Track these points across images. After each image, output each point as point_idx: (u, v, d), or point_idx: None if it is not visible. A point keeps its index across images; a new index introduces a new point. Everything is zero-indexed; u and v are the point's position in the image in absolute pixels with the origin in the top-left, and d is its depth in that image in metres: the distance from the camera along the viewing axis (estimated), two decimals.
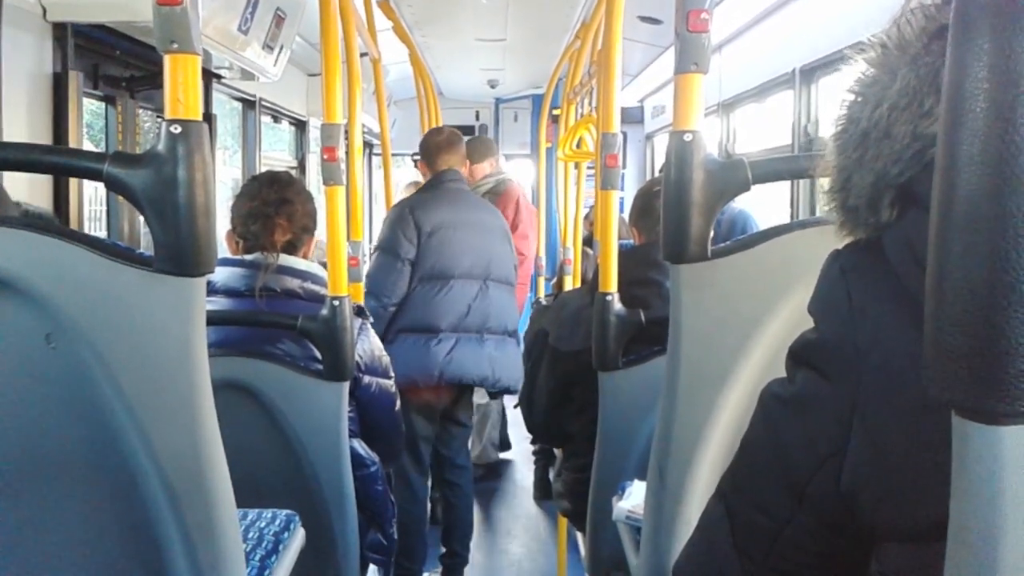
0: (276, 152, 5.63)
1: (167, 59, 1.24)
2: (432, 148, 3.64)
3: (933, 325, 0.52)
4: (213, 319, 2.01)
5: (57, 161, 1.46)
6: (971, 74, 0.48)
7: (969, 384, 0.50)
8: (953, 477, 0.53)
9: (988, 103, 0.47)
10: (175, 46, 1.24)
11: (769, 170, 1.61)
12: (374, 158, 7.72)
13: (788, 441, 0.80)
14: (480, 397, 4.68)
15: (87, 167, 1.30)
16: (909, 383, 0.64)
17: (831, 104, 0.82)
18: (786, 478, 0.80)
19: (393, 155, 4.09)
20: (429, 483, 3.76)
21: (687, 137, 1.52)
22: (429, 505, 3.92)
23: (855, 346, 0.73)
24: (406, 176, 7.33)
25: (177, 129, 1.24)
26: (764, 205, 4.54)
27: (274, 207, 2.22)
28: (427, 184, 3.64)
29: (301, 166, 5.69)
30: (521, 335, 3.91)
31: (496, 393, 3.82)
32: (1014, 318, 0.47)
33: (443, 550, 3.73)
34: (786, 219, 3.84)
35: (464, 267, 3.43)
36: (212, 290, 2.13)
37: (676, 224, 1.54)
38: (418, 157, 3.77)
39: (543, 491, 4.79)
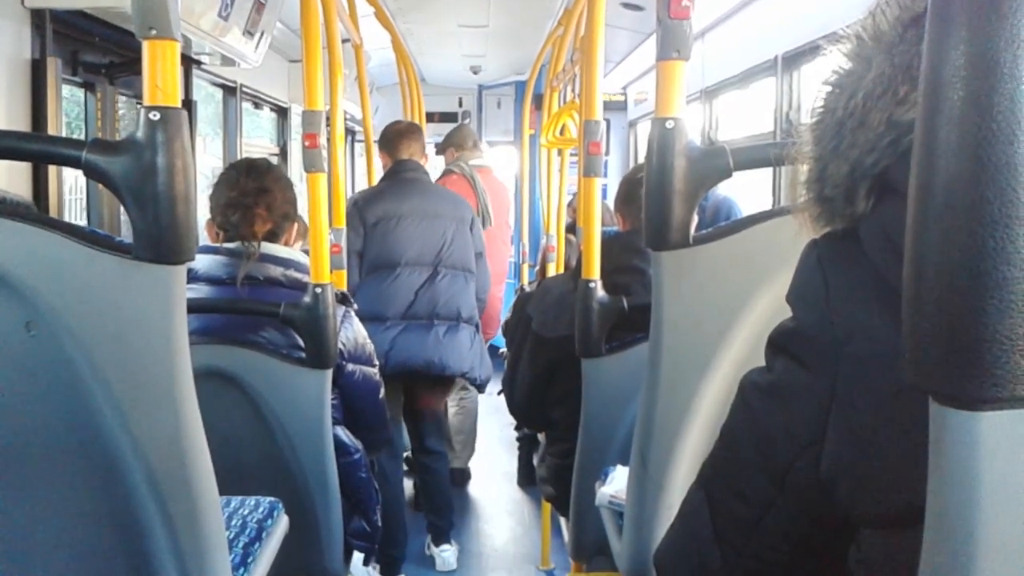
0: (257, 139, 5.59)
1: (145, 45, 1.23)
2: (392, 136, 3.71)
3: (911, 312, 0.53)
4: (195, 307, 2.00)
5: (35, 148, 1.45)
6: (948, 62, 0.48)
7: (947, 370, 0.50)
8: (930, 463, 0.54)
9: (965, 91, 0.47)
10: (153, 32, 1.23)
11: (751, 157, 1.61)
12: (357, 145, 7.69)
13: (767, 429, 0.81)
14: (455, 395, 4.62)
15: (65, 154, 1.29)
16: (886, 370, 0.64)
17: (813, 92, 0.82)
18: (766, 466, 0.81)
19: (376, 142, 4.08)
20: (403, 466, 3.79)
21: (669, 124, 1.52)
22: (409, 490, 3.93)
23: (832, 334, 0.73)
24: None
25: (156, 116, 1.23)
26: (749, 189, 4.55)
27: (253, 196, 2.20)
28: (385, 174, 3.71)
29: (283, 153, 5.67)
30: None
31: (479, 385, 3.81)
32: (991, 304, 0.47)
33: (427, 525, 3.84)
34: (769, 205, 3.85)
35: (411, 255, 3.49)
36: (194, 278, 2.12)
37: (658, 211, 1.54)
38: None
39: (527, 476, 4.80)
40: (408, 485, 4.06)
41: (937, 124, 0.49)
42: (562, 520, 2.90)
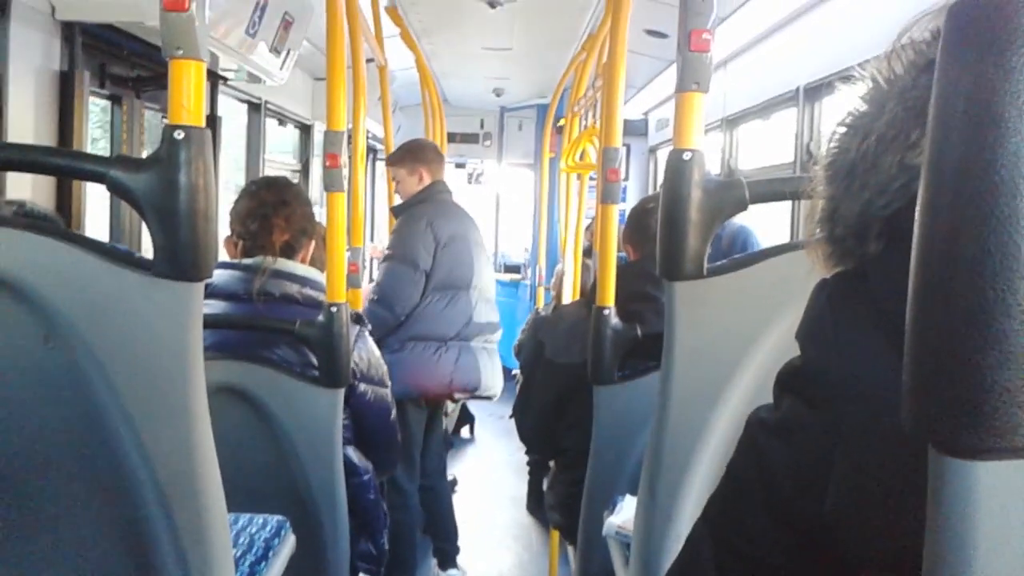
0: (280, 155, 5.63)
1: (172, 65, 1.25)
2: (434, 157, 3.70)
3: (912, 359, 0.53)
4: (210, 322, 2.02)
5: (62, 163, 1.47)
6: (953, 113, 0.49)
7: (946, 419, 0.50)
8: (928, 510, 0.53)
9: (970, 143, 0.48)
10: (180, 52, 1.25)
11: (767, 190, 1.61)
12: (378, 164, 7.74)
13: (772, 467, 0.81)
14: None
15: (91, 170, 1.31)
16: (891, 413, 0.65)
17: (831, 127, 0.82)
18: (769, 504, 0.81)
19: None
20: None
21: (686, 155, 1.52)
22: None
23: (839, 375, 0.73)
24: None
25: (180, 134, 1.25)
26: (767, 220, 4.54)
27: (272, 207, 2.23)
28: (425, 194, 3.62)
29: (304, 170, 5.70)
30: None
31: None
32: (991, 355, 0.47)
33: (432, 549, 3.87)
34: (787, 236, 3.85)
35: (466, 279, 3.53)
36: (210, 293, 2.14)
37: (672, 241, 1.54)
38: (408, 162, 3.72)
39: (536, 502, 4.78)
40: None
41: (941, 174, 0.50)
42: (569, 548, 2.89)
